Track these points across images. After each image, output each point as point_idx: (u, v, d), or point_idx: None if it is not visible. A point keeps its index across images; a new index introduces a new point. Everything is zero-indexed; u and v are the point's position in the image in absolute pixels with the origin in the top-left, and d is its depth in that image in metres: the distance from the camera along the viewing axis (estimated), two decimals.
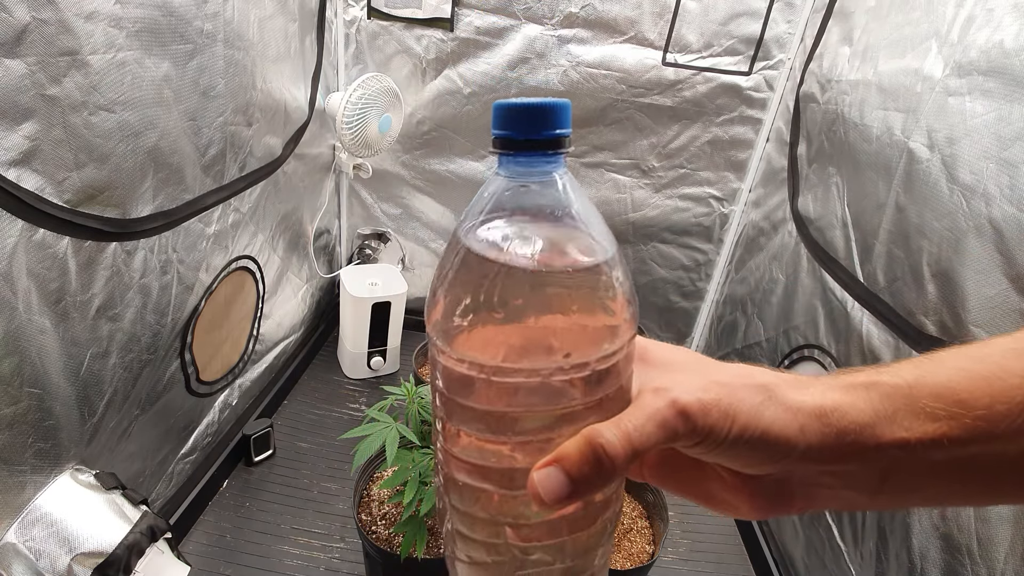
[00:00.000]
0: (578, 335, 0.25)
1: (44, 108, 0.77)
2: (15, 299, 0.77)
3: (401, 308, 1.91)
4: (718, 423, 0.25)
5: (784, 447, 0.25)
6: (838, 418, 0.25)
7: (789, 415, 0.25)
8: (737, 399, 0.25)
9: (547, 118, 0.25)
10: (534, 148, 0.25)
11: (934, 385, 0.25)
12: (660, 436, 0.24)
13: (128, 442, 1.10)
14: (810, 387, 0.26)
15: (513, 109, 0.25)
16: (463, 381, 0.26)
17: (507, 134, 0.25)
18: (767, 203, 1.77)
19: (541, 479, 0.24)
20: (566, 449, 0.24)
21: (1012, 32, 0.91)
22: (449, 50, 1.77)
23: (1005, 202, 0.87)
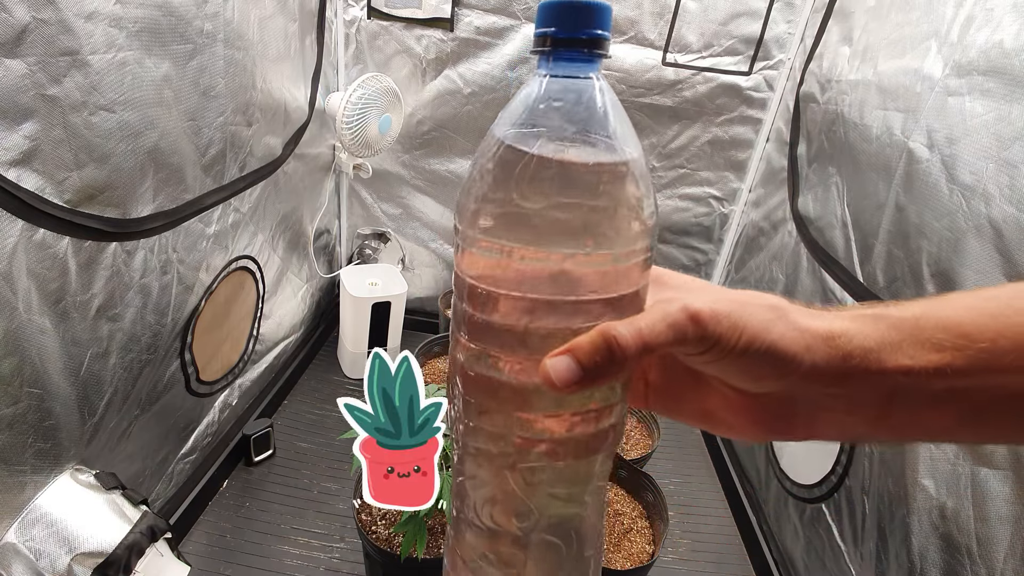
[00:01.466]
0: (601, 227, 0.26)
1: (44, 108, 0.77)
2: (15, 299, 0.77)
3: (401, 308, 1.91)
4: (727, 332, 0.25)
5: (790, 362, 0.26)
6: (844, 342, 0.26)
7: (796, 333, 0.26)
8: (747, 313, 0.26)
9: (589, 17, 0.26)
10: (575, 45, 0.26)
11: (941, 318, 0.26)
12: (670, 336, 0.25)
13: (128, 442, 1.10)
14: (820, 315, 0.27)
15: (557, 6, 0.26)
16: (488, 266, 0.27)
17: (549, 31, 0.26)
18: (767, 203, 1.77)
19: (554, 364, 0.25)
20: (579, 340, 0.25)
21: (1012, 32, 0.91)
22: (449, 50, 1.77)
23: (1005, 202, 0.87)
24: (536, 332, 0.26)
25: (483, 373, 0.28)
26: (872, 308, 0.28)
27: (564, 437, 0.28)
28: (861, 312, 0.27)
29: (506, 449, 0.29)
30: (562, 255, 0.26)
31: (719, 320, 0.25)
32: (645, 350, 0.25)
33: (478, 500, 0.31)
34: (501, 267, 0.26)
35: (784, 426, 0.29)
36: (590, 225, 0.26)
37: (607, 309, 0.27)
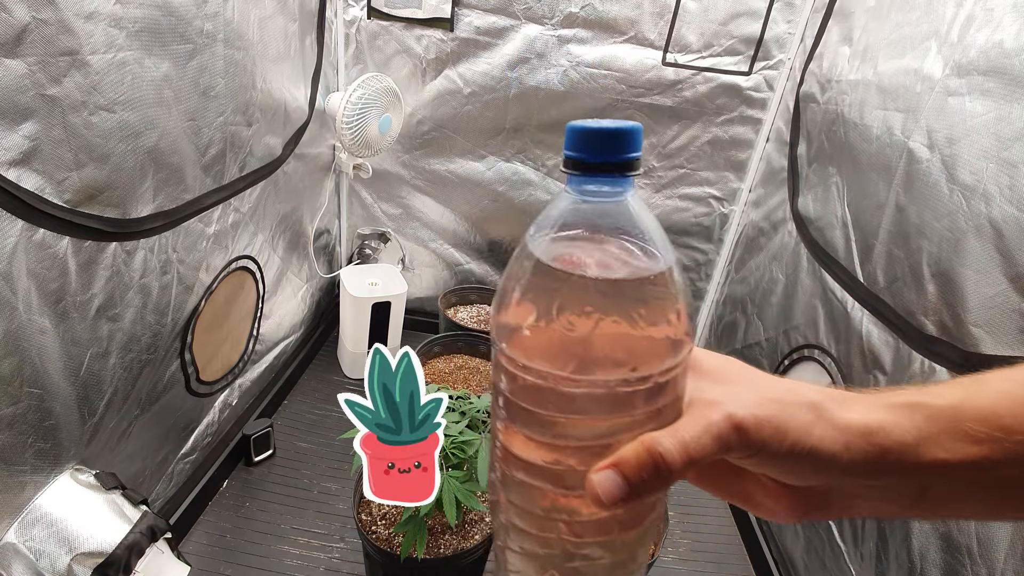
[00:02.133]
0: (644, 348, 0.26)
1: (44, 108, 0.77)
2: (15, 299, 0.77)
3: (401, 308, 1.91)
4: (771, 438, 0.26)
5: (830, 463, 0.26)
6: (882, 438, 0.26)
7: (836, 433, 0.26)
8: (788, 415, 0.26)
9: (621, 142, 0.26)
10: (607, 171, 0.26)
11: (978, 408, 0.26)
12: (715, 448, 0.26)
13: (128, 442, 1.10)
14: (856, 405, 0.27)
15: (588, 132, 0.26)
16: (528, 387, 0.27)
17: (580, 156, 0.26)
18: (767, 203, 1.77)
19: (600, 481, 0.25)
20: (625, 454, 0.25)
21: (1012, 32, 0.91)
22: (449, 50, 1.77)
23: (1005, 202, 0.87)
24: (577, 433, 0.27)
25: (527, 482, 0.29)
26: (908, 394, 0.27)
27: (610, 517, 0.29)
28: (896, 400, 0.27)
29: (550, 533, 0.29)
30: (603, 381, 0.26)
31: (762, 427, 0.26)
32: (691, 464, 0.25)
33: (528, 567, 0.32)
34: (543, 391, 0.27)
35: (821, 512, 0.30)
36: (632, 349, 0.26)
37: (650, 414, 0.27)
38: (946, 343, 0.96)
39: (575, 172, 0.27)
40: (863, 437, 0.26)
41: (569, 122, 0.26)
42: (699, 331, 2.15)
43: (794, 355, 1.46)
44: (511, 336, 0.27)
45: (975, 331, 0.90)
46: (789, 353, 1.48)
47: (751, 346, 1.72)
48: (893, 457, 0.26)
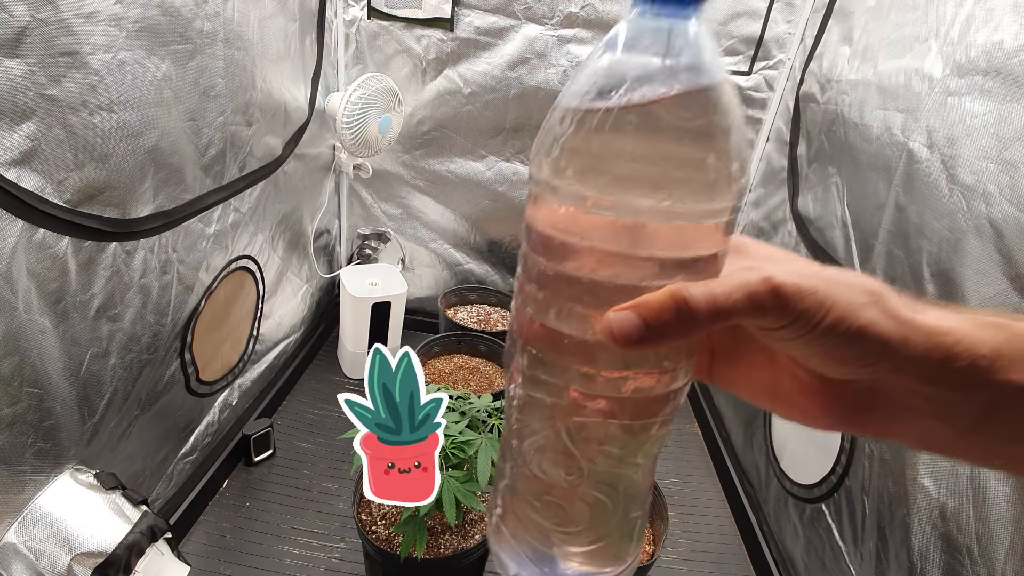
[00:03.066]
0: (691, 177, 0.24)
1: (44, 108, 0.77)
2: (15, 299, 0.77)
3: (401, 308, 1.91)
4: (811, 308, 0.23)
5: (880, 350, 0.23)
6: (952, 342, 0.23)
7: (894, 323, 0.23)
8: (837, 292, 0.23)
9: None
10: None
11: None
12: (747, 305, 0.23)
13: (128, 442, 1.10)
14: (928, 309, 0.24)
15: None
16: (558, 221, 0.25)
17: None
18: (767, 203, 1.77)
19: (617, 318, 0.23)
20: (647, 297, 0.24)
21: (1012, 32, 0.91)
22: (449, 50, 1.77)
23: (1005, 202, 0.87)
24: (605, 285, 0.25)
25: (546, 323, 0.27)
26: (996, 315, 0.24)
27: (621, 397, 0.27)
28: (981, 317, 0.24)
29: (561, 402, 0.28)
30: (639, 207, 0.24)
31: (803, 295, 0.23)
32: (717, 316, 0.23)
33: (528, 448, 0.30)
34: (572, 217, 0.25)
35: (861, 418, 0.26)
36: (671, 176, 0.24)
37: (681, 270, 0.25)
38: None
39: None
40: (928, 336, 0.23)
41: None
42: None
43: None
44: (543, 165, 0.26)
45: None
46: None
47: None
48: (962, 364, 0.23)
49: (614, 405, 0.27)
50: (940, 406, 0.24)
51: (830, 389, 0.26)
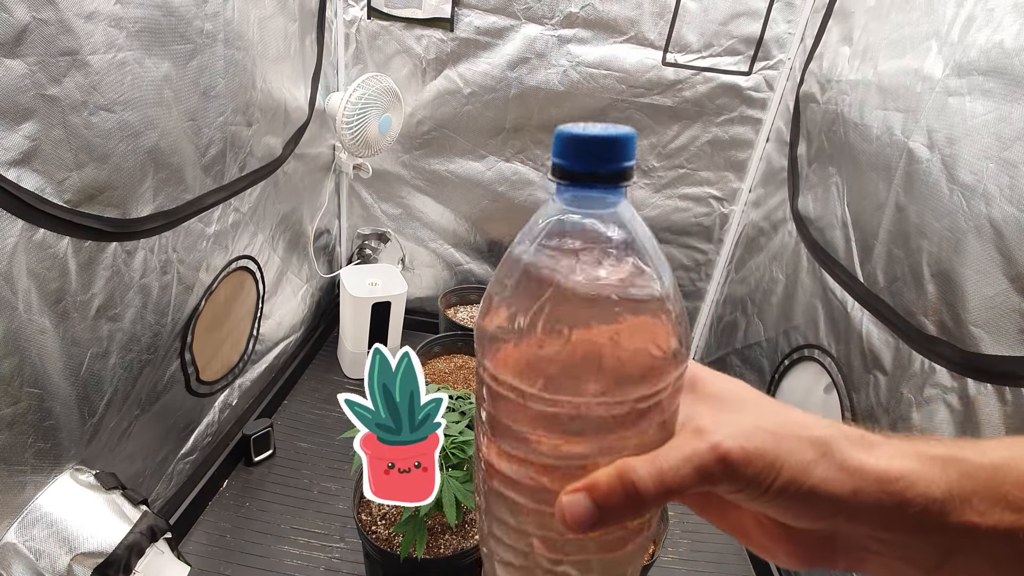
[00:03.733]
0: (623, 370, 0.24)
1: (44, 108, 0.77)
2: (15, 299, 0.77)
3: (401, 308, 1.91)
4: (761, 473, 0.23)
5: (833, 506, 0.23)
6: (903, 488, 0.23)
7: (844, 475, 0.23)
8: (785, 451, 0.23)
9: (614, 150, 0.24)
10: (598, 182, 0.24)
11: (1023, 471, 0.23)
12: (695, 480, 0.23)
13: (128, 442, 1.10)
14: (877, 448, 0.24)
15: (578, 139, 0.24)
16: (503, 400, 0.26)
17: (569, 165, 0.24)
18: (767, 203, 1.77)
19: (568, 504, 0.24)
20: (597, 478, 0.24)
21: (1012, 32, 0.91)
22: (449, 50, 1.77)
23: (1005, 202, 0.87)
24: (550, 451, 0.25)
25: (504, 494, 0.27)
26: (944, 445, 0.24)
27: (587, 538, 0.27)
28: (929, 451, 0.24)
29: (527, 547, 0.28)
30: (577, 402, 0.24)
31: (751, 460, 0.23)
32: (667, 494, 0.23)
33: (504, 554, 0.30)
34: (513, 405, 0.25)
35: (826, 561, 0.27)
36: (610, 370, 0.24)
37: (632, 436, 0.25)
38: (946, 343, 0.95)
39: (563, 181, 0.24)
40: (878, 484, 0.23)
41: (558, 126, 0.24)
42: (699, 331, 2.15)
43: (794, 355, 1.46)
44: (488, 346, 0.26)
45: (975, 331, 0.90)
46: (789, 353, 1.48)
47: (751, 346, 1.72)
48: (913, 510, 0.23)
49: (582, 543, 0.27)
50: (900, 549, 0.25)
51: (792, 536, 0.27)
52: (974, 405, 0.89)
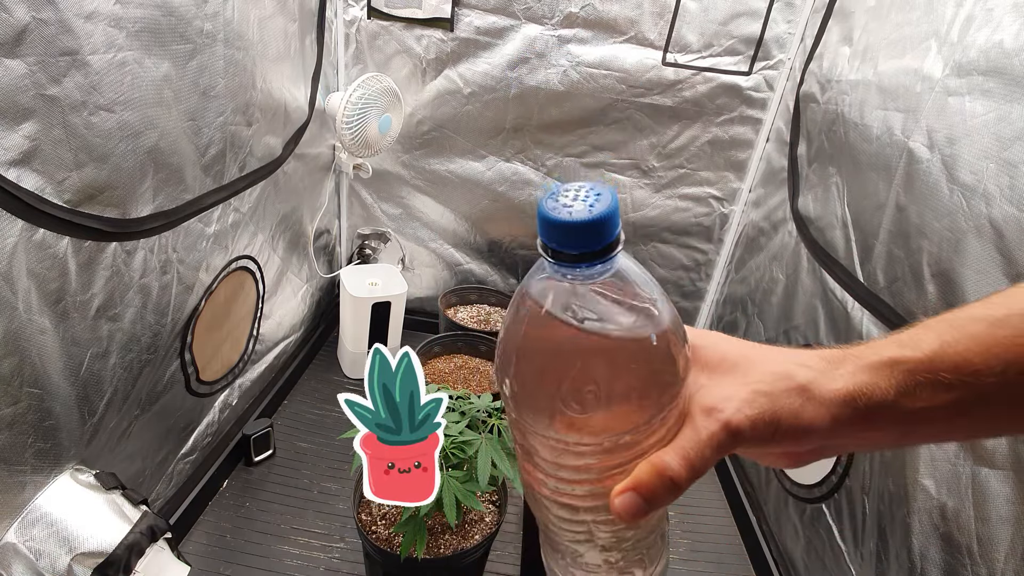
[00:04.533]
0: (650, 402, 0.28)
1: (44, 108, 0.77)
2: (15, 299, 0.77)
3: (401, 308, 1.91)
4: (764, 432, 0.29)
5: (821, 435, 0.30)
6: (865, 401, 0.29)
7: (823, 409, 0.30)
8: (779, 406, 0.30)
9: (597, 232, 0.25)
10: (586, 260, 0.25)
11: (951, 357, 0.29)
12: (716, 455, 0.29)
13: (128, 442, 1.10)
14: (840, 369, 0.31)
15: (560, 227, 0.25)
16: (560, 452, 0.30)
17: (557, 248, 0.25)
18: (767, 203, 1.77)
19: (622, 502, 0.29)
20: (639, 477, 0.29)
21: (1012, 32, 0.91)
22: (449, 50, 1.77)
23: (1005, 202, 0.87)
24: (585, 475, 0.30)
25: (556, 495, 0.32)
26: (889, 350, 0.30)
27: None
28: (878, 360, 0.30)
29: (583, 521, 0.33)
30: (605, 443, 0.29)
31: (755, 425, 0.29)
32: (696, 476, 0.29)
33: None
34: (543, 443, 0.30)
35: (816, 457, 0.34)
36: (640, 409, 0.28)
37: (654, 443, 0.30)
38: None
39: (554, 261, 0.26)
40: (847, 405, 0.29)
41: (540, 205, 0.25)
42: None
43: None
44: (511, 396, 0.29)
45: None
46: None
47: None
48: (875, 415, 0.30)
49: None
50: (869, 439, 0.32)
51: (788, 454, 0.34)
52: None
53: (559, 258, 0.26)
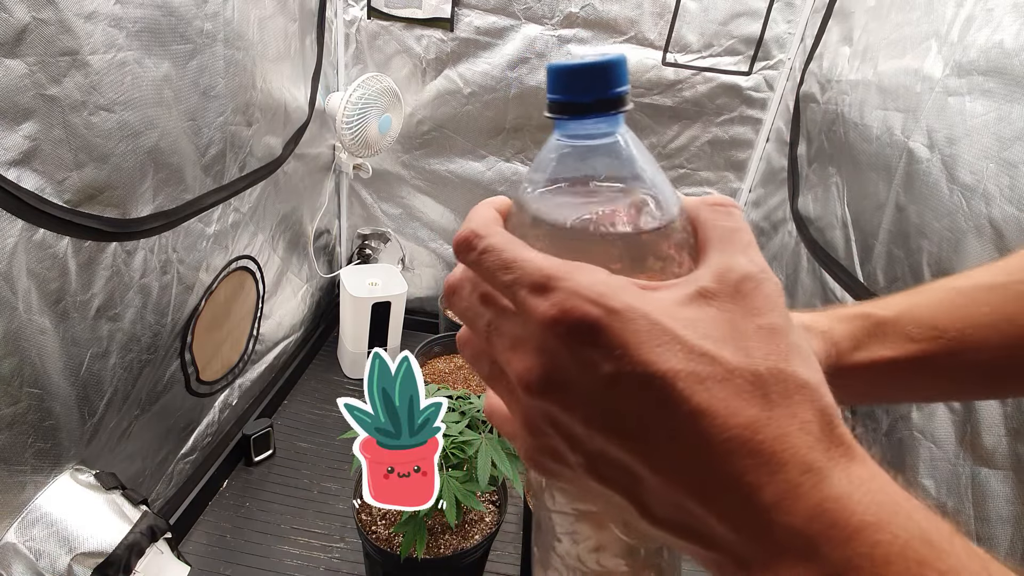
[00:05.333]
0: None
1: (44, 108, 0.77)
2: (15, 299, 0.77)
3: (401, 308, 1.90)
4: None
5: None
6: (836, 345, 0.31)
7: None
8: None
9: (605, 78, 0.23)
10: (592, 111, 0.24)
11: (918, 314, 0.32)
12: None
13: (128, 442, 1.10)
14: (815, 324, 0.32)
15: (567, 71, 0.24)
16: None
17: (562, 98, 0.24)
18: (767, 203, 1.77)
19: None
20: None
21: (1012, 32, 0.91)
22: (449, 50, 1.77)
23: (1005, 202, 0.87)
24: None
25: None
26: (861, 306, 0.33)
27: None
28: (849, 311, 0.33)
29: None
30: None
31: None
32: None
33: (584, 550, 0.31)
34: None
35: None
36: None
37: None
38: None
39: (561, 116, 0.24)
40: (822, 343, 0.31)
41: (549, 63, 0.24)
42: None
43: None
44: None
45: None
46: None
47: None
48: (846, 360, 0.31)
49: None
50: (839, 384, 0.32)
51: None
52: (974, 405, 0.89)
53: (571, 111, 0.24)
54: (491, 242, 0.22)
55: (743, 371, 0.19)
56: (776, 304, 0.21)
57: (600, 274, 0.21)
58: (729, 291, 0.20)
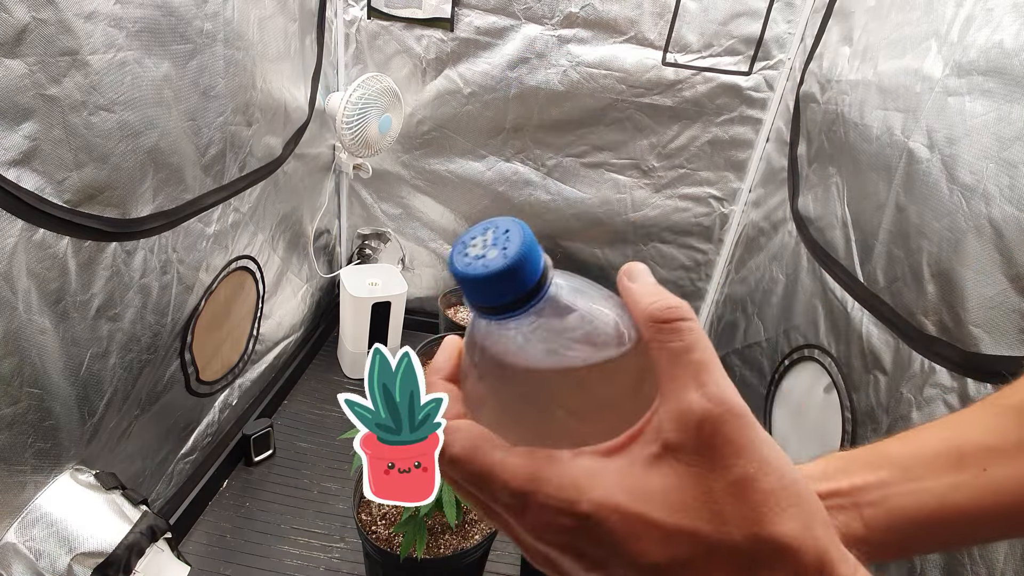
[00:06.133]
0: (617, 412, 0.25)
1: (44, 108, 0.77)
2: (15, 299, 0.77)
3: (401, 308, 1.91)
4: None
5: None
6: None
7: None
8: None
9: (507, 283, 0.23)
10: (510, 309, 0.24)
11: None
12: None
13: (128, 442, 1.10)
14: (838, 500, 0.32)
15: (469, 283, 0.23)
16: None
17: (479, 303, 0.24)
18: (767, 203, 1.77)
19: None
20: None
21: (1012, 32, 0.91)
22: (449, 50, 1.77)
23: (1005, 202, 0.87)
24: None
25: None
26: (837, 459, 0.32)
27: None
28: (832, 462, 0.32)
29: None
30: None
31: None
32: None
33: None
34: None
35: None
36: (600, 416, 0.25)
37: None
38: (946, 343, 0.95)
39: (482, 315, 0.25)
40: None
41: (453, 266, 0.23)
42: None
43: (794, 355, 1.46)
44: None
45: (975, 331, 0.90)
46: (789, 353, 1.48)
47: (751, 346, 1.72)
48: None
49: None
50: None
51: None
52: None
53: (489, 313, 0.24)
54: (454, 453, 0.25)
55: (721, 545, 0.19)
56: (738, 446, 0.20)
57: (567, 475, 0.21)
58: (691, 441, 0.20)
